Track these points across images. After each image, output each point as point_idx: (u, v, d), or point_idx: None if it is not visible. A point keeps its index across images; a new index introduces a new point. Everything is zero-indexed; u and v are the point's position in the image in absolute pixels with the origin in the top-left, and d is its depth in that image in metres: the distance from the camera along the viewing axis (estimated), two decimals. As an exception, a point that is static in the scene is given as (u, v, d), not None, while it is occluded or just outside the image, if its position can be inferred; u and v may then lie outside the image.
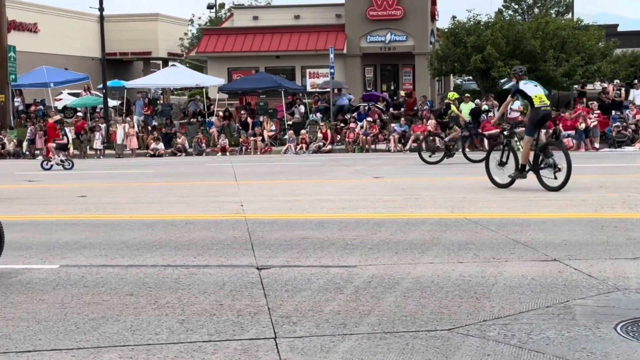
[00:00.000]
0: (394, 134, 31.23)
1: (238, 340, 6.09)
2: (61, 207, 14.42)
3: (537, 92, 14.62)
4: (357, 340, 6.01)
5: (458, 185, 16.43)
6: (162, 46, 60.94)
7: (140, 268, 8.79)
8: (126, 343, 6.07)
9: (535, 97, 14.48)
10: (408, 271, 8.30)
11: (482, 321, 6.40)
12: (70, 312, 6.99)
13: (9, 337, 6.28)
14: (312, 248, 9.70)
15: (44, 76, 39.64)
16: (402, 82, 45.57)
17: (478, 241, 9.89)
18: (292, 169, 22.81)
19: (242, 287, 7.80)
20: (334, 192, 15.82)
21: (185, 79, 40.18)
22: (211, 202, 14.68)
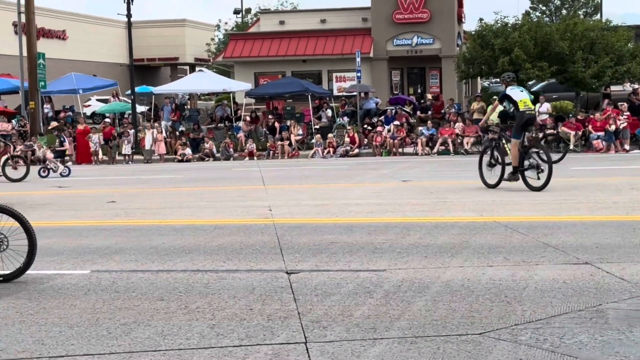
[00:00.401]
0: (422, 137, 31.15)
1: (269, 345, 6.09)
2: (91, 213, 14.52)
3: (523, 97, 15.51)
4: (388, 344, 6.00)
5: (486, 188, 16.33)
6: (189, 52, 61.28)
7: (171, 273, 8.83)
8: (157, 348, 6.10)
9: (521, 102, 15.37)
10: (438, 275, 8.26)
11: (513, 325, 6.36)
12: (101, 317, 7.04)
13: (41, 342, 6.33)
14: (341, 252, 9.69)
15: (72, 83, 39.97)
16: (429, 85, 45.45)
17: (508, 244, 9.83)
18: (320, 173, 22.81)
19: (272, 291, 7.81)
20: (362, 196, 15.81)
21: (212, 84, 40.35)
22: (239, 206, 14.72)
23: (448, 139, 30.20)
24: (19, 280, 8.63)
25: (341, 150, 31.50)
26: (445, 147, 30.13)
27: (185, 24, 62.08)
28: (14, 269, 8.57)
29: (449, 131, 30.56)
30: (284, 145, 32.50)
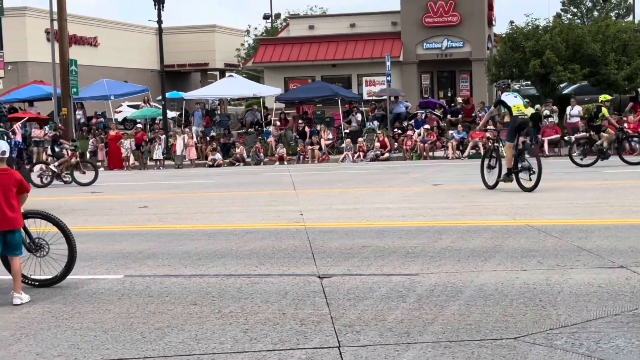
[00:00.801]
0: (452, 141, 31.03)
1: (302, 349, 6.09)
2: (124, 218, 14.62)
3: (516, 102, 16.31)
4: (422, 349, 5.97)
5: (518, 191, 16.23)
6: (219, 57, 61.56)
7: (203, 277, 8.86)
8: (191, 352, 6.12)
9: (514, 107, 16.17)
10: (471, 279, 8.22)
11: (548, 330, 6.31)
12: (135, 321, 7.08)
13: (77, 347, 6.38)
14: (373, 256, 9.67)
15: (104, 89, 40.29)
16: (459, 88, 45.28)
17: (542, 248, 9.76)
18: (350, 177, 22.79)
19: (305, 296, 7.81)
20: (393, 200, 15.77)
21: (242, 89, 40.48)
22: (271, 211, 14.75)
23: (479, 143, 30.04)
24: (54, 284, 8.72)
25: (371, 154, 31.47)
26: (476, 151, 29.97)
27: (215, 29, 62.39)
28: (54, 274, 8.65)
29: (479, 134, 30.40)
30: (314, 149, 32.52)
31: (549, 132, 28.94)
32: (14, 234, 8.08)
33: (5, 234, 8.04)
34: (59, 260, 8.65)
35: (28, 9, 50.08)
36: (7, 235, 8.05)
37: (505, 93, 16.78)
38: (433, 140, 31.62)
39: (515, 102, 16.30)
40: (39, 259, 8.65)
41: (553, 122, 29.59)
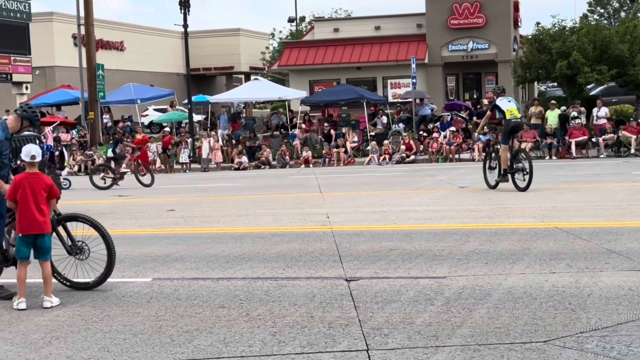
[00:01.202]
0: (478, 143, 30.88)
1: (330, 352, 6.09)
2: (151, 221, 14.70)
3: (510, 106, 17.18)
4: (451, 352, 5.96)
5: (545, 193, 16.14)
6: (244, 60, 61.74)
7: (231, 280, 8.89)
8: (220, 355, 6.15)
9: (508, 111, 17.05)
10: (499, 282, 8.18)
11: (578, 333, 6.27)
12: (164, 324, 7.11)
13: (107, 350, 6.42)
14: (400, 259, 9.66)
15: (131, 93, 40.52)
16: (485, 90, 45.05)
17: (570, 251, 9.69)
18: (376, 180, 22.75)
19: (332, 299, 7.81)
20: (419, 203, 15.73)
21: (267, 93, 40.55)
22: (297, 214, 14.76)
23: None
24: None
25: (397, 157, 31.40)
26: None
27: (240, 33, 62.58)
28: (95, 276, 8.72)
29: (506, 136, 30.25)
30: (340, 152, 32.51)
31: (576, 133, 28.73)
32: (44, 238, 8.14)
33: (35, 237, 8.11)
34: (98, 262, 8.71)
35: (55, 14, 50.52)
36: (38, 239, 8.12)
37: (500, 98, 17.57)
38: (459, 142, 31.50)
39: (509, 107, 17.17)
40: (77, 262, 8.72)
41: (580, 124, 29.37)
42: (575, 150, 28.38)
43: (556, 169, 23.48)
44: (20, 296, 8.05)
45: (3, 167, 8.65)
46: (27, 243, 8.12)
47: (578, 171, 22.01)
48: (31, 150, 8.26)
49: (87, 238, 8.68)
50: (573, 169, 23.13)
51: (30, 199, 8.10)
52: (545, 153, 29.24)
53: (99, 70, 35.97)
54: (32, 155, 8.25)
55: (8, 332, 7.10)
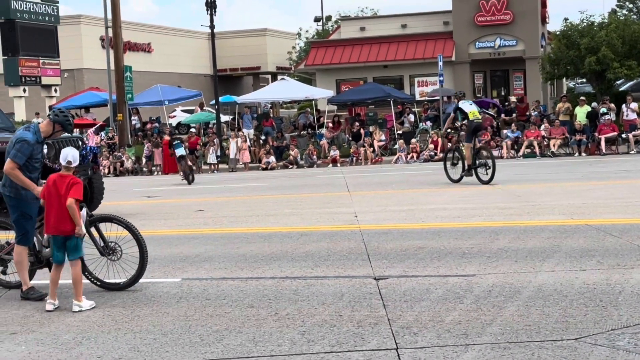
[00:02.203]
0: (507, 140, 30.73)
1: (360, 351, 6.08)
2: (180, 222, 14.76)
3: (472, 109, 18.94)
4: (481, 350, 5.92)
5: (575, 190, 16.02)
6: (271, 60, 61.88)
7: (260, 280, 8.90)
8: (250, 355, 6.16)
9: (470, 113, 18.76)
10: (529, 279, 8.13)
11: (610, 330, 6.21)
12: (194, 324, 7.14)
13: (137, 350, 6.45)
14: (429, 257, 9.62)
15: (158, 94, 40.73)
16: (513, 87, 44.79)
17: (601, 248, 9.61)
18: (404, 178, 22.69)
19: (361, 297, 7.80)
20: (448, 201, 15.66)
21: (294, 92, 40.60)
22: (325, 213, 14.76)
23: (534, 141, 29.69)
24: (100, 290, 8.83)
25: (425, 155, 31.31)
26: (532, 150, 29.64)
27: (266, 33, 62.72)
28: (126, 277, 8.78)
29: (534, 133, 30.06)
30: (367, 151, 32.47)
31: (605, 130, 28.47)
32: (72, 238, 8.17)
33: (64, 238, 8.16)
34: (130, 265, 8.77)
35: (83, 17, 50.93)
36: (66, 239, 8.17)
37: (462, 101, 19.52)
38: (487, 139, 31.33)
39: (471, 109, 18.95)
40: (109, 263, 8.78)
41: (610, 120, 29.09)
42: (605, 147, 28.13)
43: (585, 165, 23.29)
44: (50, 297, 8.10)
45: (34, 170, 8.73)
46: (59, 245, 8.16)
47: (608, 167, 21.81)
48: (68, 155, 8.31)
49: (119, 239, 8.74)
50: (603, 165, 22.92)
51: (54, 199, 8.14)
52: (575, 150, 29.01)
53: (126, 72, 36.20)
54: (68, 160, 8.30)
55: (39, 333, 7.16)
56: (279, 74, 58.94)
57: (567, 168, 22.94)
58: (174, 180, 27.25)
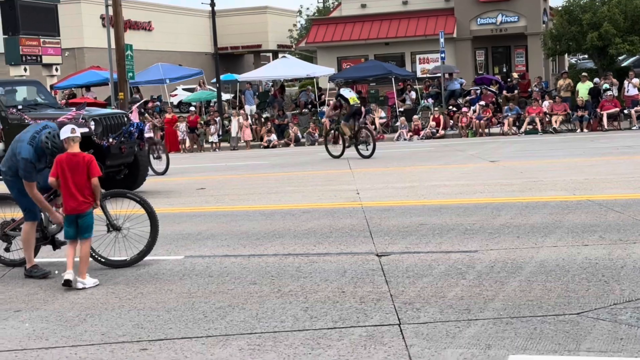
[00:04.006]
0: (508, 117, 30.68)
1: (362, 327, 6.11)
2: (182, 200, 14.78)
3: (352, 95, 22.38)
4: (483, 325, 5.94)
5: (577, 166, 16.01)
6: (272, 38, 61.65)
7: (262, 257, 8.93)
8: (253, 331, 6.18)
9: (351, 99, 21.98)
10: (531, 255, 8.15)
11: (612, 305, 6.23)
12: (197, 301, 7.17)
13: (140, 326, 6.48)
14: (431, 234, 9.64)
15: (159, 73, 40.58)
16: (515, 63, 44.62)
17: (603, 223, 9.62)
18: (406, 155, 22.68)
19: (363, 274, 7.82)
20: (449, 178, 15.66)
21: (295, 70, 40.47)
22: (327, 190, 14.76)
23: (535, 118, 29.64)
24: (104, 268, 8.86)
25: (426, 132, 31.27)
26: (533, 126, 29.60)
27: (267, 11, 62.45)
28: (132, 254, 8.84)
29: (536, 110, 29.99)
30: (369, 128, 32.38)
31: (607, 105, 28.39)
32: (84, 217, 8.15)
33: (76, 216, 8.16)
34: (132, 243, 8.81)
35: (83, -5, 50.69)
36: (78, 218, 8.16)
37: (342, 88, 23.08)
38: (489, 116, 31.29)
39: (351, 95, 22.32)
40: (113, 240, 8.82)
41: (612, 96, 29.00)
42: (607, 123, 28.06)
43: (587, 141, 23.27)
44: (68, 267, 8.06)
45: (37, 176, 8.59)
46: (70, 222, 8.16)
47: (610, 143, 21.78)
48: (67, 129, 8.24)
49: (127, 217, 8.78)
50: (605, 141, 22.89)
51: (69, 179, 8.11)
52: (577, 126, 28.96)
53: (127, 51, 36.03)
54: (72, 128, 8.25)
55: (44, 310, 7.19)
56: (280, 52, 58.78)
57: (569, 144, 22.91)
58: (176, 158, 27.24)
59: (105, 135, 15.02)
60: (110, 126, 15.36)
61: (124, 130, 15.34)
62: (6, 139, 14.92)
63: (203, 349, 5.81)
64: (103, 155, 14.73)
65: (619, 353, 5.19)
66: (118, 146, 15.10)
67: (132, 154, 15.74)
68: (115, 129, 15.37)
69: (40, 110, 15.57)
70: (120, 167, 15.81)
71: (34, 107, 15.82)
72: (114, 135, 15.10)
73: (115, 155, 15.17)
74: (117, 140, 15.08)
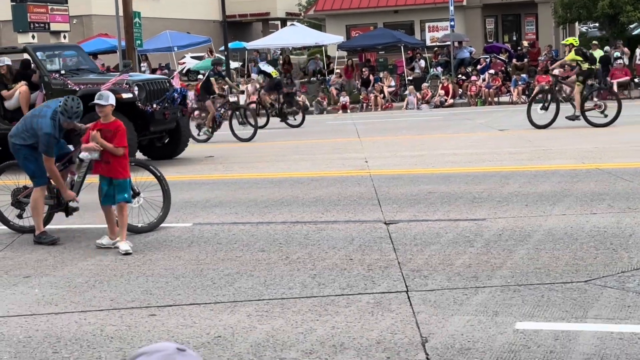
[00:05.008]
0: (518, 86, 30.51)
1: (370, 294, 6.12)
2: (190, 168, 14.79)
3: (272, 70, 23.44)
4: (490, 292, 5.95)
5: (586, 135, 15.94)
6: (280, 6, 61.24)
7: (270, 225, 8.94)
8: (261, 297, 6.21)
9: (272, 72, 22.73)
10: (539, 223, 8.14)
11: (620, 272, 6.23)
12: (205, 268, 7.20)
13: (149, 293, 6.51)
14: (439, 202, 9.63)
15: (167, 41, 40.47)
16: (525, 32, 44.29)
17: (612, 191, 9.59)
18: (414, 124, 22.61)
19: (371, 241, 7.83)
20: (458, 146, 15.62)
21: (304, 38, 40.25)
22: (335, 159, 14.75)
23: (545, 87, 29.45)
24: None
25: (435, 101, 31.14)
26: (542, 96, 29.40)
27: (275, -22, 62.00)
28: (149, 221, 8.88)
29: (545, 78, 29.80)
30: (377, 97, 32.31)
31: (618, 74, 28.20)
32: (120, 182, 8.18)
33: (111, 180, 8.18)
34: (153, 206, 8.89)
35: (91, -38, 50.43)
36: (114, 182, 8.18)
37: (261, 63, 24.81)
38: (498, 85, 31.13)
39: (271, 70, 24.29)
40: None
41: (623, 64, 28.81)
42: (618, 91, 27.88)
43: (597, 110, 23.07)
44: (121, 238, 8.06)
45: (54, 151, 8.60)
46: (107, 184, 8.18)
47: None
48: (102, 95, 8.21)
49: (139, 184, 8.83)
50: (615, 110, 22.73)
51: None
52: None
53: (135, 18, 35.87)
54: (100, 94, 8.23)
55: (53, 277, 7.23)
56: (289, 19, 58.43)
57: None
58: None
59: (149, 100, 14.87)
60: (153, 92, 15.16)
61: (168, 96, 15.23)
62: None
63: (211, 315, 5.84)
64: (147, 121, 14.69)
65: (626, 320, 5.19)
66: (162, 112, 15.00)
67: (175, 120, 15.68)
68: (158, 95, 15.18)
69: (83, 76, 15.37)
70: (162, 134, 15.78)
71: (76, 72, 15.56)
72: (158, 100, 14.98)
73: (159, 121, 15.05)
74: (161, 106, 14.98)
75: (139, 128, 14.67)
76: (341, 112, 31.75)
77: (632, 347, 4.72)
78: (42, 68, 15.29)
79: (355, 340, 5.12)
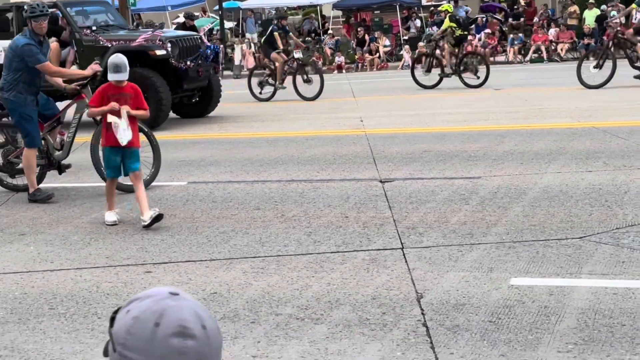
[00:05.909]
0: (514, 46, 30.37)
1: (365, 251, 6.14)
2: (184, 127, 14.73)
3: None
4: (486, 249, 5.97)
5: (582, 94, 15.90)
6: (275, -35, 60.70)
7: (265, 183, 8.93)
8: (256, 254, 6.22)
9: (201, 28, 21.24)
10: (535, 181, 8.14)
11: (614, 229, 6.25)
12: (200, 226, 7.20)
13: (145, 250, 6.52)
14: (434, 160, 9.62)
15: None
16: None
17: (607, 149, 9.59)
18: (410, 84, 22.45)
19: (367, 199, 7.83)
20: (453, 105, 15.58)
21: (299, -2, 39.97)
22: (331, 118, 14.70)
23: (541, 46, 29.35)
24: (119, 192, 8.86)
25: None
26: (539, 55, 29.33)
27: (270, -64, 61.33)
28: None
29: (542, 38, 29.68)
30: (373, 57, 32.15)
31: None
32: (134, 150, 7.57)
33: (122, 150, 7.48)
34: None
35: None
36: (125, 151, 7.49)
37: None
38: (494, 44, 30.98)
39: None
40: None
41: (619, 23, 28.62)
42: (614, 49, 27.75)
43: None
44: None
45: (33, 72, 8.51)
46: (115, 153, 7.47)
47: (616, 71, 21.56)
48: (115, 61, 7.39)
49: None
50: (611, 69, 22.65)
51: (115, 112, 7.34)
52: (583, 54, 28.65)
53: (128, -23, 35.55)
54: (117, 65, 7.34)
55: (48, 234, 7.22)
56: (283, -22, 57.84)
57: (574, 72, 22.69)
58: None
59: (182, 57, 14.69)
60: (185, 48, 14.96)
61: (201, 53, 15.07)
62: (80, 61, 14.34)
63: (207, 271, 5.85)
64: (180, 78, 14.56)
65: (621, 275, 5.22)
66: (195, 69, 14.85)
67: (207, 78, 15.55)
68: (191, 52, 14.97)
69: (113, 32, 15.11)
70: (194, 92, 15.68)
71: (106, 29, 15.18)
72: (191, 57, 14.81)
73: (192, 79, 14.88)
74: (195, 62, 14.83)
75: (172, 86, 14.50)
76: (336, 72, 31.61)
77: (626, 302, 4.74)
78: (73, 24, 14.85)
79: (351, 296, 5.14)
